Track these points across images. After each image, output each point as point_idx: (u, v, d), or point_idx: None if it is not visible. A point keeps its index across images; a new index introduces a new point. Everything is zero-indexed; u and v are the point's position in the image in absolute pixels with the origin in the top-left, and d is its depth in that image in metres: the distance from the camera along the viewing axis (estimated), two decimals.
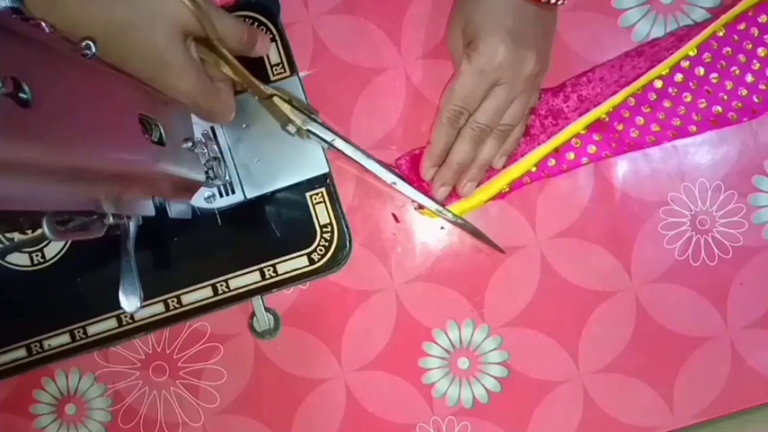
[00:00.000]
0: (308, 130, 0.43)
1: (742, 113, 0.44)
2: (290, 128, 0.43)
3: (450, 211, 0.45)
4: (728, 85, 0.44)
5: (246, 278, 0.47)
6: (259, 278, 0.47)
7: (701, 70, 0.44)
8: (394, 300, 0.47)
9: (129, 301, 0.33)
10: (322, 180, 0.46)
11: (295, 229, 0.46)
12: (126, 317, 0.47)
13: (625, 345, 0.45)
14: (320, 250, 0.46)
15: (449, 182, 0.45)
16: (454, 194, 0.46)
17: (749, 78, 0.44)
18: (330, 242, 0.46)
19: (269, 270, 0.46)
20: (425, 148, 0.45)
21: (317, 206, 0.46)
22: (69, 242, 0.47)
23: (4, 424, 0.48)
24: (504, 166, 0.45)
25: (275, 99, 0.42)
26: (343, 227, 0.46)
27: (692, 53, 0.44)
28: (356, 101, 0.47)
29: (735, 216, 0.46)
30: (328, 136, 0.43)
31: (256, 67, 0.45)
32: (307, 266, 0.46)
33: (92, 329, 0.47)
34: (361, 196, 0.47)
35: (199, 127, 0.45)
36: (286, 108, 0.42)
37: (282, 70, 0.47)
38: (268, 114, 0.45)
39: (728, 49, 0.44)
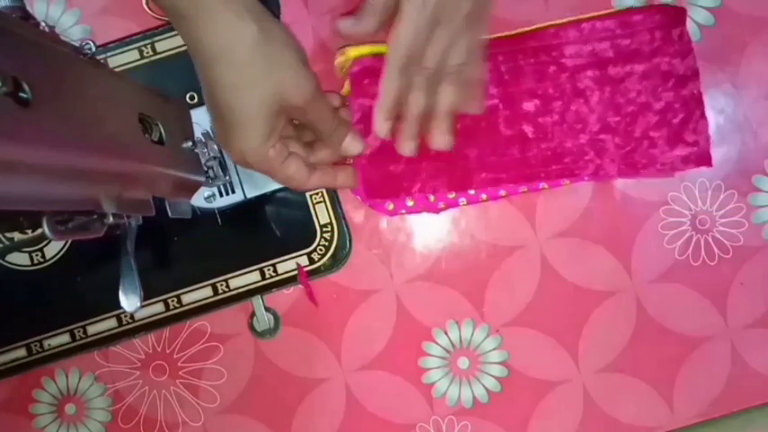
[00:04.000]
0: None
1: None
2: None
3: None
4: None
5: (246, 278, 0.47)
6: (259, 278, 0.47)
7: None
8: (394, 300, 0.47)
9: (129, 301, 0.33)
10: None
11: (295, 229, 0.46)
12: (126, 316, 0.47)
13: (625, 345, 0.45)
14: (320, 250, 0.46)
15: (413, 136, 0.42)
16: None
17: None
18: (330, 242, 0.46)
19: (269, 270, 0.46)
20: (377, 101, 0.41)
21: (317, 206, 0.46)
22: (69, 242, 0.47)
23: (4, 424, 0.48)
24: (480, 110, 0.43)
25: None
26: (343, 226, 0.46)
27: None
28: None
29: (735, 216, 0.46)
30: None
31: None
32: (307, 266, 0.46)
33: (92, 329, 0.47)
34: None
35: (199, 127, 0.45)
36: None
37: None
38: None
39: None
